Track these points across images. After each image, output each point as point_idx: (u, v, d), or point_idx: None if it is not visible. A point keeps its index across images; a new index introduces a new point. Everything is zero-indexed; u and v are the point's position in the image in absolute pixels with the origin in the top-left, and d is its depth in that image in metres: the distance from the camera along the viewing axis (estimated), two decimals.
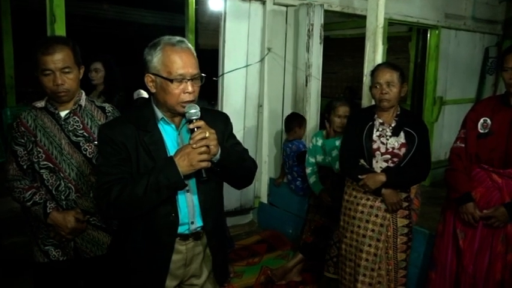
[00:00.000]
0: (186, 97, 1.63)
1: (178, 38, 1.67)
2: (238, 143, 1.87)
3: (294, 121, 4.15)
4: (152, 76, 1.65)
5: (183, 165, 1.57)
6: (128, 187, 1.58)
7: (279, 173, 4.57)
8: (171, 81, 1.61)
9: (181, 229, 1.73)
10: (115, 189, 1.58)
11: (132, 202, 1.59)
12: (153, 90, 1.67)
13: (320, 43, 4.43)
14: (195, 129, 1.58)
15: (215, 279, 1.90)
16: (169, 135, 1.72)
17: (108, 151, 1.64)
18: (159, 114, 1.70)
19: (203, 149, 1.57)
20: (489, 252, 2.44)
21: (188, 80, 1.63)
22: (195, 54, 1.69)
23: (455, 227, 2.57)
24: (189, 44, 1.69)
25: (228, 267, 2.05)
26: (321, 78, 4.50)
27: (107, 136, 1.65)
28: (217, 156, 1.62)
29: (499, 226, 2.39)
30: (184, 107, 1.64)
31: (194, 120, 1.60)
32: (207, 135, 1.57)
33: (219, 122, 1.79)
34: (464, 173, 2.52)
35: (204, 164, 1.58)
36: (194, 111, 1.61)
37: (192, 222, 1.74)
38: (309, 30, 4.34)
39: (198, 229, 1.77)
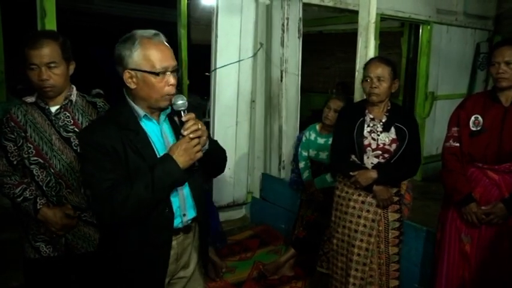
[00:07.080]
0: (170, 90, 1.63)
1: (153, 31, 1.63)
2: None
3: None
4: (132, 72, 1.59)
5: (183, 161, 1.59)
6: (131, 191, 1.53)
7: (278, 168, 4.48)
8: (157, 74, 1.58)
9: (174, 223, 1.72)
10: (116, 195, 1.52)
11: (138, 205, 1.56)
12: (133, 86, 1.61)
13: (298, 37, 4.35)
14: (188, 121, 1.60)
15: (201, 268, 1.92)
16: (153, 131, 1.69)
17: (97, 157, 1.56)
18: (140, 111, 1.65)
19: (196, 140, 1.59)
20: (497, 250, 2.41)
21: (170, 72, 1.62)
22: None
23: (459, 231, 2.52)
24: (164, 36, 1.66)
25: (208, 255, 2.06)
26: (300, 74, 4.43)
27: (92, 141, 1.57)
28: (206, 146, 1.67)
29: (498, 222, 2.38)
30: (168, 100, 1.63)
31: (183, 112, 1.61)
32: (199, 126, 1.60)
33: None
34: (462, 173, 2.50)
35: (200, 155, 1.62)
36: (182, 102, 1.63)
37: (184, 215, 1.74)
38: (283, 24, 4.26)
39: (189, 222, 1.78)
